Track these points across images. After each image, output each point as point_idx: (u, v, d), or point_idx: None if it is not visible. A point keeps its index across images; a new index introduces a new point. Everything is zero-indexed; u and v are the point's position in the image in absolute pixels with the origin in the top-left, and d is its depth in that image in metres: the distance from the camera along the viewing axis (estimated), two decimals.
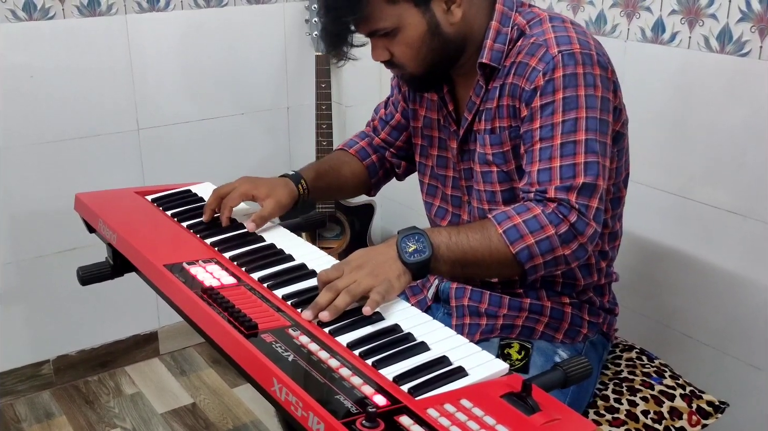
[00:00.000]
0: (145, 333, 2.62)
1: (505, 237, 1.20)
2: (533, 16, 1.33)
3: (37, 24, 2.18)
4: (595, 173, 1.23)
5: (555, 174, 1.23)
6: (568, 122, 1.24)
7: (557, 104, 1.24)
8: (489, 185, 1.38)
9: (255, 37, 2.55)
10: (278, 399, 0.94)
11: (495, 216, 1.23)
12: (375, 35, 1.30)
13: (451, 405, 0.90)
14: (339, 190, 1.67)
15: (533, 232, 1.20)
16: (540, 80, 1.25)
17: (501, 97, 1.32)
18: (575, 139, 1.23)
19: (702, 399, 1.43)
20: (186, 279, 1.19)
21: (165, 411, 2.38)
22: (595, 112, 1.25)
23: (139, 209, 1.53)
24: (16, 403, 2.41)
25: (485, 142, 1.36)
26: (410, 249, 1.18)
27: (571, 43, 1.26)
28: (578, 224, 1.21)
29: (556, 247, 1.21)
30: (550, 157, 1.24)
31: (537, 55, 1.27)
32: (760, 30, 1.59)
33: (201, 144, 2.54)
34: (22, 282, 2.35)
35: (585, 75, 1.25)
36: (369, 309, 1.10)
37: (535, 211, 1.21)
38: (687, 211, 1.81)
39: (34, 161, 2.27)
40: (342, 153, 1.65)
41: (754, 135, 1.64)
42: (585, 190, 1.22)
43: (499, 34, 1.32)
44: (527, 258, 1.21)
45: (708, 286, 1.81)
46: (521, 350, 1.35)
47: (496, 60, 1.32)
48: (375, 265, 1.16)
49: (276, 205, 1.42)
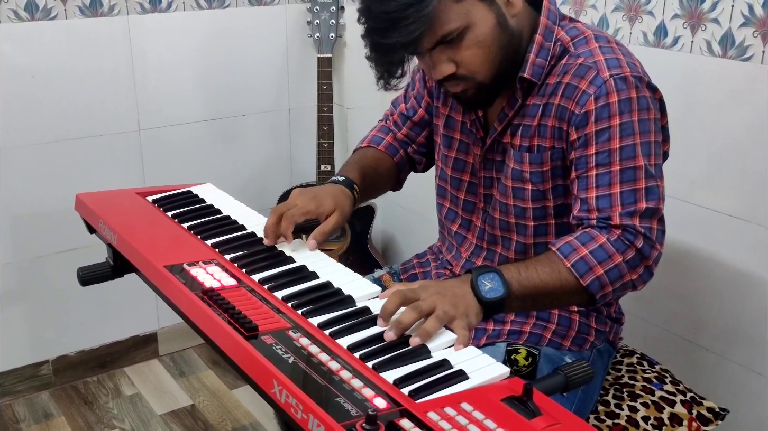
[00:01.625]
0: (144, 334, 2.62)
1: (574, 270, 1.19)
2: (577, 33, 1.31)
3: (39, 24, 2.18)
4: (656, 197, 1.23)
5: (616, 200, 1.22)
6: (626, 148, 1.23)
7: (614, 130, 1.23)
8: (520, 201, 1.36)
9: (257, 39, 2.55)
10: (278, 401, 0.94)
11: (560, 249, 1.21)
12: (441, 44, 1.22)
13: (452, 409, 0.89)
14: (377, 189, 1.60)
15: (601, 263, 1.19)
16: (591, 104, 1.23)
17: (544, 117, 1.30)
18: (634, 165, 1.23)
19: (702, 405, 1.43)
20: (186, 281, 1.19)
21: (164, 412, 2.37)
22: (649, 136, 1.24)
23: (139, 210, 1.52)
24: (15, 403, 2.40)
25: (523, 159, 1.33)
26: (486, 287, 1.15)
27: (621, 66, 1.24)
28: (644, 249, 1.21)
29: (625, 274, 1.21)
30: (609, 183, 1.23)
31: (587, 78, 1.24)
32: (763, 35, 1.59)
33: (202, 145, 2.54)
34: (22, 283, 2.35)
35: (639, 99, 1.24)
36: (462, 346, 1.05)
37: (600, 240, 1.20)
38: (688, 215, 1.80)
39: (35, 161, 2.27)
40: (371, 150, 1.58)
41: (756, 139, 1.64)
42: (647, 214, 1.22)
43: (542, 48, 1.29)
44: (598, 289, 1.20)
45: (709, 291, 1.81)
46: (528, 356, 1.33)
47: (536, 75, 1.29)
48: (454, 296, 1.12)
49: (341, 217, 1.36)
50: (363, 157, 1.56)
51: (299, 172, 2.74)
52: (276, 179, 2.70)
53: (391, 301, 1.09)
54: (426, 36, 1.19)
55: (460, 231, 1.50)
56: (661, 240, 1.25)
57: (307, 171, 2.71)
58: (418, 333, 1.05)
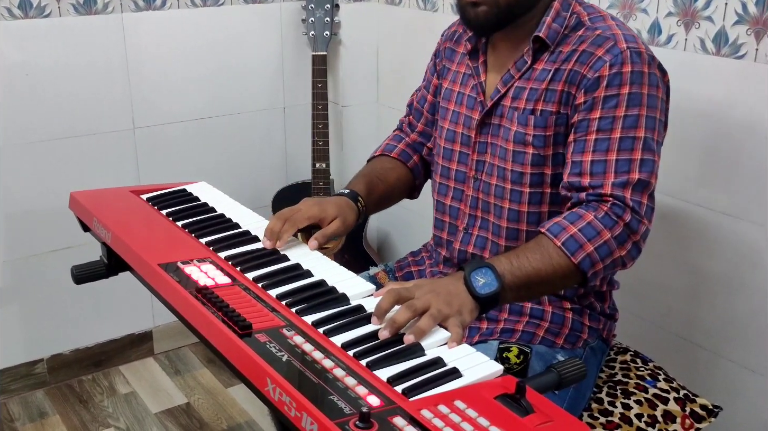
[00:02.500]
0: (139, 332, 2.62)
1: (564, 249, 1.21)
2: (594, 11, 1.36)
3: (33, 22, 2.18)
4: (650, 170, 1.25)
5: (611, 167, 1.24)
6: (630, 117, 1.25)
7: (621, 98, 1.25)
8: (519, 165, 1.37)
9: (251, 37, 2.55)
10: (272, 399, 0.94)
11: (549, 229, 1.23)
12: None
13: (445, 406, 0.90)
14: (388, 199, 1.60)
15: (591, 239, 1.21)
16: (606, 70, 1.26)
17: (554, 81, 1.32)
18: (635, 135, 1.25)
19: (696, 402, 1.43)
20: (180, 279, 1.19)
21: (159, 410, 2.37)
22: (654, 112, 1.27)
23: (134, 208, 1.52)
24: (10, 402, 2.40)
25: (527, 122, 1.34)
26: (480, 283, 1.16)
27: (637, 42, 1.29)
28: (632, 223, 1.23)
29: (614, 250, 1.22)
30: (607, 149, 1.25)
31: (604, 46, 1.28)
32: (756, 32, 1.60)
33: (197, 143, 2.54)
34: (17, 281, 2.34)
35: (650, 74, 1.27)
36: (456, 344, 1.06)
37: (588, 217, 1.22)
38: (682, 213, 1.81)
39: (29, 159, 2.27)
40: (385, 159, 1.61)
41: (750, 137, 1.65)
42: (639, 186, 1.24)
43: (558, 15, 1.34)
44: (589, 266, 1.22)
45: (703, 288, 1.81)
46: (520, 354, 1.34)
47: (551, 38, 1.33)
48: (448, 294, 1.13)
49: (342, 224, 1.39)
50: (372, 169, 1.58)
51: (294, 170, 2.74)
52: (271, 177, 2.70)
53: (386, 300, 1.10)
54: None
55: (453, 204, 1.50)
56: (649, 217, 1.26)
57: (302, 169, 2.71)
58: (412, 331, 1.05)
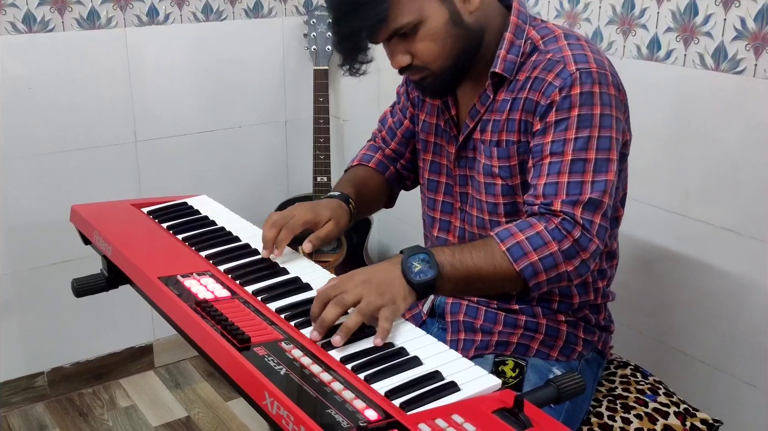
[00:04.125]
0: (140, 345, 2.62)
1: (508, 254, 1.20)
2: (548, 32, 1.34)
3: (36, 36, 2.19)
4: (602, 190, 1.24)
5: (562, 189, 1.24)
6: (580, 140, 1.24)
7: (572, 121, 1.25)
8: (492, 197, 1.38)
9: (253, 51, 2.57)
10: (270, 412, 0.94)
11: (498, 234, 1.23)
12: (395, 36, 1.27)
13: (443, 420, 0.89)
14: (370, 207, 1.61)
15: (536, 249, 1.20)
16: (556, 95, 1.26)
17: (512, 111, 1.32)
18: (586, 157, 1.24)
19: (696, 417, 1.43)
20: (180, 292, 1.19)
21: (159, 424, 2.37)
22: (607, 131, 1.26)
23: (134, 221, 1.53)
24: (10, 415, 2.39)
25: (492, 154, 1.35)
26: (416, 268, 1.16)
27: (588, 62, 1.27)
28: (581, 240, 1.22)
29: (560, 263, 1.21)
30: (558, 171, 1.24)
31: (554, 70, 1.27)
32: (755, 48, 1.60)
33: (198, 157, 2.55)
34: (18, 294, 2.35)
35: (601, 94, 1.26)
36: (381, 341, 1.06)
37: (538, 227, 1.21)
38: (682, 228, 1.81)
39: (31, 172, 2.28)
40: (362, 168, 1.60)
41: (750, 152, 1.65)
42: (590, 206, 1.23)
43: (513, 45, 1.33)
44: (531, 275, 1.21)
45: (703, 303, 1.81)
46: (516, 367, 1.34)
47: (508, 71, 1.32)
48: (381, 283, 1.13)
49: (336, 226, 1.39)
50: (354, 176, 1.58)
51: (295, 183, 2.75)
52: (272, 191, 2.70)
53: (315, 306, 1.11)
54: (381, 28, 1.25)
55: (441, 235, 1.51)
56: (601, 236, 1.25)
57: (303, 183, 2.71)
58: (339, 330, 1.06)
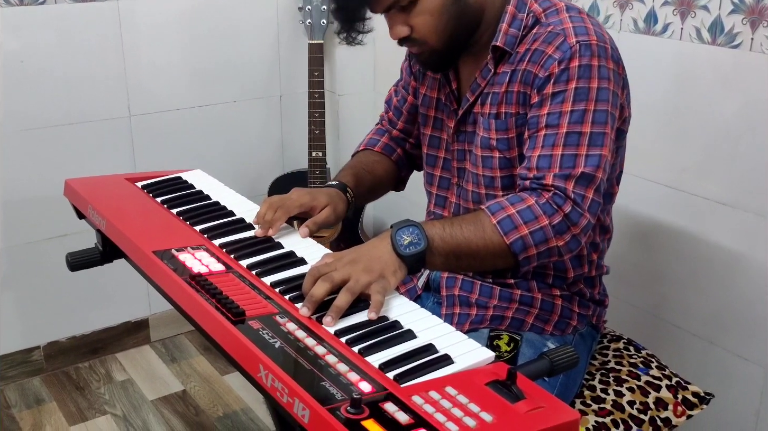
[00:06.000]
0: (136, 320, 2.62)
1: (499, 227, 1.20)
2: (549, 5, 1.33)
3: (28, 9, 2.17)
4: (595, 164, 1.23)
5: (555, 161, 1.23)
6: (576, 112, 1.24)
7: (569, 93, 1.24)
8: (489, 170, 1.37)
9: (248, 25, 2.54)
10: (264, 385, 0.94)
11: (489, 207, 1.23)
12: (392, 9, 1.27)
13: (436, 393, 0.90)
14: (375, 191, 1.61)
15: (527, 223, 1.20)
16: (555, 68, 1.25)
17: (511, 83, 1.32)
18: (581, 130, 1.24)
19: (688, 390, 1.44)
20: (174, 266, 1.19)
21: (155, 398, 2.38)
22: (604, 105, 1.25)
23: (128, 195, 1.52)
24: (7, 389, 2.41)
25: (490, 126, 1.35)
26: (405, 241, 1.16)
27: (588, 34, 1.27)
28: (572, 214, 1.22)
29: (550, 238, 1.21)
30: (553, 144, 1.24)
31: (554, 43, 1.27)
32: (752, 22, 1.60)
33: (193, 131, 2.54)
34: (13, 269, 2.35)
35: (600, 68, 1.25)
36: (375, 314, 1.07)
37: (529, 201, 1.21)
38: (679, 202, 1.81)
39: (24, 147, 2.27)
40: (368, 153, 1.61)
41: (746, 126, 1.65)
42: (583, 180, 1.23)
43: (515, 19, 1.32)
44: (521, 249, 1.21)
45: (698, 277, 1.82)
46: (510, 342, 1.35)
47: (509, 44, 1.32)
48: (370, 260, 1.14)
49: (333, 212, 1.40)
50: (358, 162, 1.58)
51: (290, 158, 2.74)
52: (267, 166, 2.70)
53: (307, 282, 1.12)
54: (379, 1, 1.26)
55: (437, 210, 1.51)
56: (593, 211, 1.24)
57: (298, 158, 2.71)
58: (330, 311, 1.06)
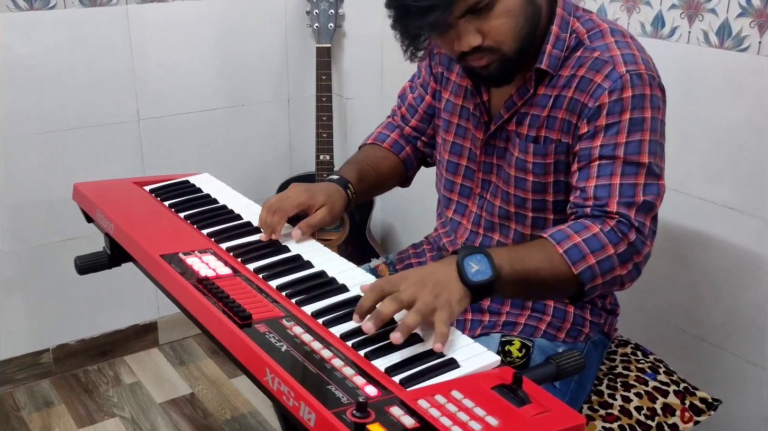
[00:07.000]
0: (144, 323, 2.63)
1: (566, 257, 1.17)
2: (593, 26, 1.30)
3: (38, 14, 2.18)
4: (655, 194, 1.23)
5: (615, 190, 1.22)
6: (632, 143, 1.23)
7: (623, 124, 1.23)
8: (521, 191, 1.36)
9: (256, 29, 2.55)
10: (270, 388, 0.95)
11: (552, 236, 1.20)
12: (470, 13, 1.19)
13: (442, 396, 0.90)
14: (379, 188, 1.59)
15: (594, 252, 1.18)
16: (605, 98, 1.23)
17: (554, 108, 1.30)
18: (638, 160, 1.23)
19: (695, 395, 1.43)
20: (182, 270, 1.20)
21: (163, 400, 2.39)
22: (656, 135, 1.25)
23: (137, 199, 1.53)
24: (16, 391, 2.42)
25: (527, 149, 1.33)
26: (473, 269, 1.10)
27: (637, 63, 1.25)
28: (636, 243, 1.20)
29: (616, 267, 1.20)
30: (611, 173, 1.22)
31: (603, 71, 1.24)
32: (760, 25, 1.59)
33: (201, 135, 2.54)
34: (22, 272, 2.36)
35: (651, 97, 1.24)
36: (441, 346, 1.00)
37: (594, 229, 1.19)
38: (685, 206, 1.81)
39: (33, 151, 2.28)
40: (375, 148, 1.59)
41: (753, 130, 1.64)
42: (644, 208, 1.22)
43: (558, 39, 1.29)
44: (589, 279, 1.18)
45: (705, 282, 1.81)
46: (522, 347, 1.33)
47: (552, 66, 1.29)
48: (435, 284, 1.07)
49: (328, 213, 1.37)
50: (364, 157, 1.56)
51: (298, 162, 2.75)
52: (275, 169, 2.70)
53: (368, 298, 1.07)
54: (457, 3, 1.17)
55: (455, 217, 1.50)
56: (652, 239, 1.24)
57: (306, 161, 2.71)
58: (398, 328, 1.01)
